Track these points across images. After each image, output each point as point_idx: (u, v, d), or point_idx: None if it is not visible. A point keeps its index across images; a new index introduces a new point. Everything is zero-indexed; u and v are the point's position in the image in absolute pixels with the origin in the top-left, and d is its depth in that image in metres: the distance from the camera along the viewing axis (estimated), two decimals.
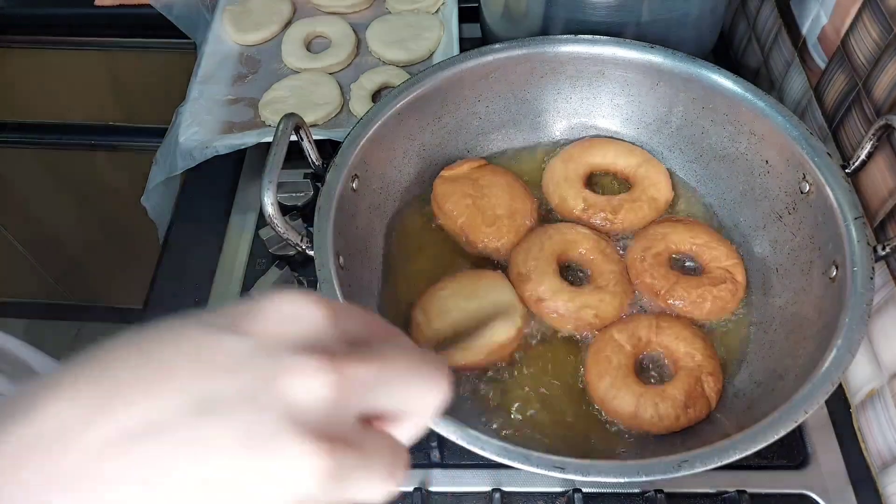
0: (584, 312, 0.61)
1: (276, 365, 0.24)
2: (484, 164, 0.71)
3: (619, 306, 0.62)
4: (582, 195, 0.69)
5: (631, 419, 0.56)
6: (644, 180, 0.70)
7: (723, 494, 0.59)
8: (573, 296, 0.62)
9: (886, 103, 0.60)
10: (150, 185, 0.81)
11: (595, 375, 0.58)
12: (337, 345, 0.26)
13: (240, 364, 0.24)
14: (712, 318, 0.62)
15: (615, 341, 0.59)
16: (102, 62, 1.09)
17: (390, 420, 0.28)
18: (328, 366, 0.24)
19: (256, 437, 0.23)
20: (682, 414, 0.56)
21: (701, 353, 0.58)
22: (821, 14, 0.71)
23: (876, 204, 0.62)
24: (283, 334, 0.25)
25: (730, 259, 0.64)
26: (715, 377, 0.58)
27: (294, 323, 0.25)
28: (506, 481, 0.60)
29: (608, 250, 0.65)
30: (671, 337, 0.60)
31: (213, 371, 0.24)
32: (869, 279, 0.52)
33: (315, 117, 0.79)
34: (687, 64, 0.66)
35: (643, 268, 0.64)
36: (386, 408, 0.27)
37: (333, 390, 0.24)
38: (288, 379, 0.24)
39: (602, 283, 0.63)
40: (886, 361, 0.60)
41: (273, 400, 0.23)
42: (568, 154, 0.72)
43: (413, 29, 0.88)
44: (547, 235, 0.65)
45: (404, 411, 0.27)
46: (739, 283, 0.63)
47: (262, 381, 0.24)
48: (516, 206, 0.67)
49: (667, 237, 0.66)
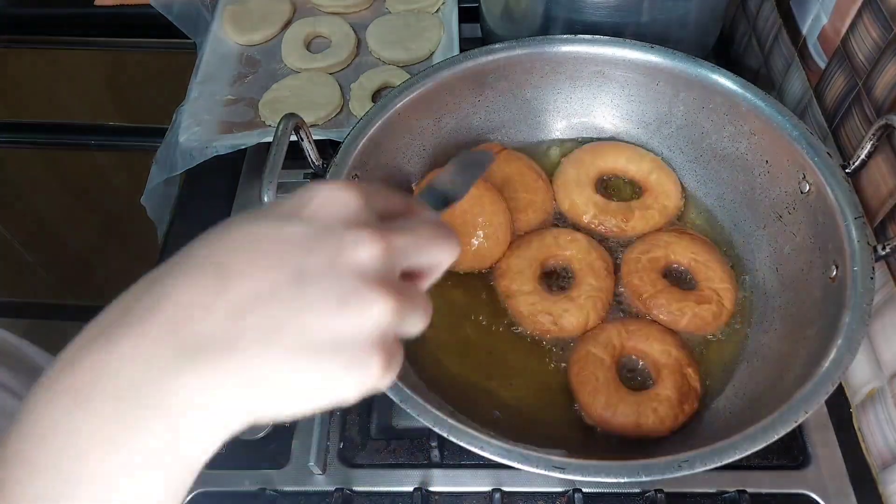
0: (542, 317, 0.62)
1: (339, 240, 0.31)
2: (500, 150, 0.71)
3: (582, 320, 0.62)
4: (593, 200, 0.69)
5: (634, 429, 0.56)
6: (656, 187, 0.70)
7: (723, 494, 0.59)
8: (539, 299, 0.62)
9: (886, 103, 0.60)
10: (150, 185, 0.81)
11: (587, 396, 0.58)
12: (374, 220, 0.33)
13: (312, 243, 0.31)
14: (690, 332, 0.62)
15: (594, 356, 0.59)
16: (102, 62, 1.09)
17: (417, 276, 0.36)
18: (377, 236, 0.31)
19: (344, 295, 0.30)
20: (679, 412, 0.56)
21: (675, 346, 0.59)
22: (821, 14, 0.71)
23: (876, 204, 0.62)
24: (335, 216, 0.32)
25: (723, 283, 0.63)
26: (693, 367, 0.59)
27: (340, 207, 0.32)
28: (506, 481, 0.60)
29: (598, 264, 0.65)
30: (642, 338, 0.60)
31: (295, 250, 0.30)
32: (869, 279, 0.52)
33: (315, 117, 0.79)
34: (687, 64, 0.66)
35: (635, 268, 0.64)
36: (417, 266, 0.35)
37: (384, 253, 0.31)
38: (351, 249, 0.31)
39: (574, 295, 0.63)
40: (886, 361, 0.60)
41: (346, 266, 0.30)
42: (579, 158, 0.71)
43: (413, 29, 0.88)
44: (540, 238, 0.66)
45: (429, 267, 0.36)
46: (725, 308, 0.62)
47: (334, 253, 0.30)
48: (531, 199, 0.68)
49: (669, 246, 0.65)
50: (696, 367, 0.59)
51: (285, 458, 0.61)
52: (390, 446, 0.62)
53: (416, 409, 0.48)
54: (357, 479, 0.61)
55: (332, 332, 0.29)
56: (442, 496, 0.60)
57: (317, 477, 0.60)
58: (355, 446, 0.62)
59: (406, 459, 0.61)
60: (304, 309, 0.29)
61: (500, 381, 0.60)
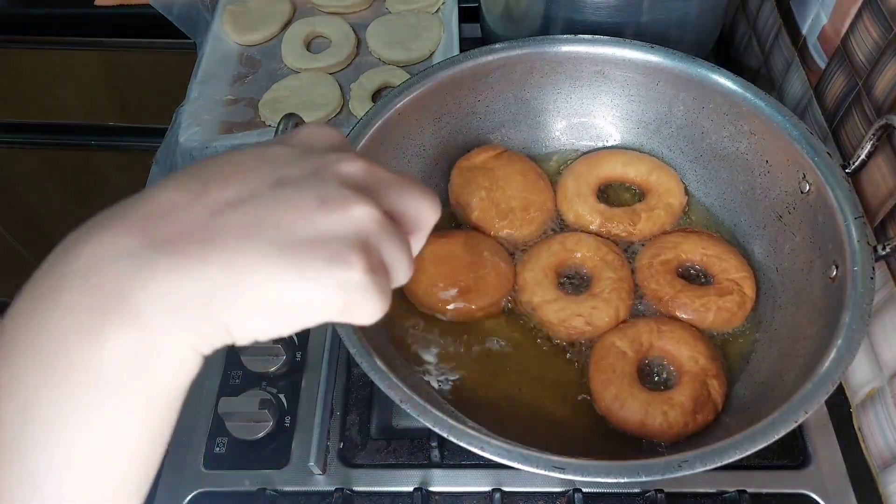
0: (574, 320, 0.61)
1: (323, 158, 0.31)
2: (501, 152, 0.71)
3: (613, 313, 0.62)
4: (597, 209, 0.69)
5: (639, 428, 0.56)
6: (658, 187, 0.70)
7: (723, 494, 0.59)
8: (565, 304, 0.62)
9: (886, 103, 0.60)
10: (150, 185, 0.81)
11: (600, 384, 0.58)
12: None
13: (297, 159, 0.31)
14: (716, 328, 0.62)
15: (617, 348, 0.59)
16: (102, 62, 1.09)
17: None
18: (361, 157, 0.32)
19: (327, 196, 0.30)
20: (690, 420, 0.55)
21: (704, 356, 0.58)
22: (821, 14, 0.71)
23: (876, 204, 0.62)
24: (320, 144, 0.33)
25: (739, 272, 0.63)
26: (719, 380, 0.57)
27: (324, 138, 0.34)
28: (506, 481, 0.60)
29: (610, 257, 0.65)
30: (672, 341, 0.59)
31: (279, 164, 0.31)
32: (869, 279, 0.52)
33: (315, 117, 0.79)
34: (687, 64, 0.66)
35: (649, 274, 0.64)
36: (398, 209, 0.33)
37: (367, 172, 0.32)
38: (335, 163, 0.31)
39: (597, 291, 0.63)
40: (886, 361, 0.60)
41: (330, 174, 0.31)
42: (576, 170, 0.71)
43: (413, 29, 0.88)
44: (546, 246, 0.66)
45: (412, 218, 0.34)
46: (747, 296, 0.62)
47: (319, 165, 0.31)
48: (531, 199, 0.68)
49: (678, 246, 0.65)
50: (722, 380, 0.58)
51: (285, 458, 0.61)
52: (390, 446, 0.62)
53: (416, 410, 0.47)
54: (357, 479, 0.61)
55: (311, 229, 0.29)
56: (442, 496, 0.60)
57: (317, 477, 0.60)
58: (355, 446, 0.62)
59: (406, 459, 0.61)
60: (284, 207, 0.29)
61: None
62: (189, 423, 0.63)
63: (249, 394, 0.62)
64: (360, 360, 0.49)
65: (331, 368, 0.65)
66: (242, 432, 0.61)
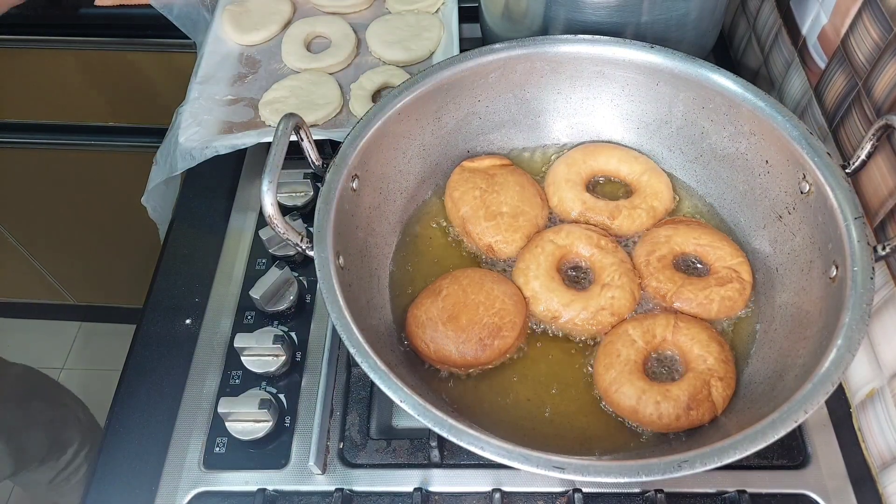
0: (601, 316, 0.61)
1: None
2: (508, 164, 0.71)
3: (630, 297, 0.62)
4: (581, 198, 0.69)
5: (631, 413, 0.57)
6: (646, 188, 0.70)
7: (723, 494, 0.59)
8: (586, 303, 0.62)
9: (886, 103, 0.60)
10: (151, 185, 0.81)
11: (602, 366, 0.59)
12: None
13: None
14: (721, 318, 0.63)
15: (628, 336, 0.60)
16: (102, 62, 1.09)
17: None
18: None
19: None
20: (682, 415, 0.55)
21: (714, 356, 0.58)
22: (821, 14, 0.71)
23: (876, 204, 0.62)
24: None
25: (735, 258, 0.64)
26: (725, 382, 0.57)
27: None
28: (506, 481, 0.60)
29: (603, 242, 0.65)
30: (687, 338, 0.60)
31: None
32: (869, 279, 0.52)
33: (315, 117, 0.79)
34: (687, 64, 0.66)
35: (649, 272, 0.64)
36: None
37: None
38: None
39: (607, 280, 0.63)
40: (886, 361, 0.60)
41: None
42: (571, 157, 0.72)
43: (413, 29, 0.88)
44: (540, 248, 0.65)
45: None
46: (746, 282, 0.63)
47: None
48: (523, 209, 0.68)
49: (670, 240, 0.66)
50: (729, 383, 0.58)
51: (285, 458, 0.61)
52: (390, 446, 0.62)
53: (416, 409, 0.47)
54: (357, 479, 0.61)
55: None
56: (442, 496, 0.60)
57: (317, 477, 0.60)
58: (355, 446, 0.62)
59: (406, 459, 0.61)
60: None
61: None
62: (189, 423, 0.63)
63: (249, 394, 0.62)
64: (360, 360, 0.49)
65: (331, 368, 0.65)
66: (242, 432, 0.61)
